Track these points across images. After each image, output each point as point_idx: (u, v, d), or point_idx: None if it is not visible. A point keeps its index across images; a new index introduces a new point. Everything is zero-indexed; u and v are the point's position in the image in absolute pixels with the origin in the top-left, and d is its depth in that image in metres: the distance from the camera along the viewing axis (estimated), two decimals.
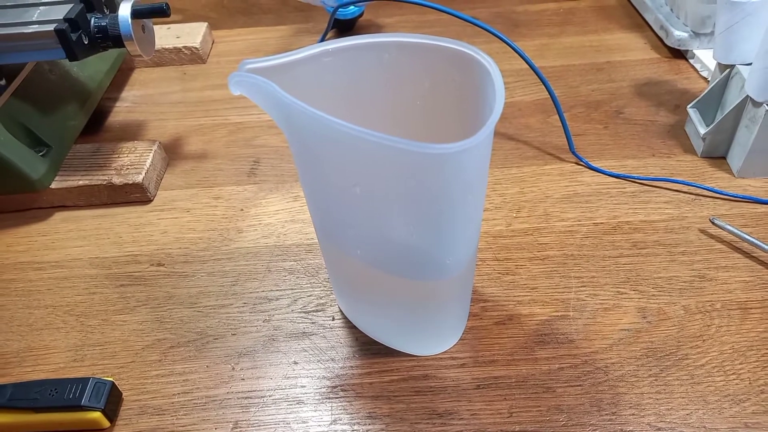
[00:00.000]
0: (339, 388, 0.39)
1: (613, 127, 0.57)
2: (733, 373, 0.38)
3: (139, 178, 0.52)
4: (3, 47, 0.47)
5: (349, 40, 0.33)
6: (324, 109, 0.28)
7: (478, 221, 0.35)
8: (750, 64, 0.48)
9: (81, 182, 0.52)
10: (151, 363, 0.41)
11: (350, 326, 0.42)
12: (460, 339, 0.41)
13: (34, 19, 0.46)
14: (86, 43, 0.47)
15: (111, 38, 0.47)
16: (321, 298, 0.44)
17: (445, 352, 0.40)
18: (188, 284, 0.46)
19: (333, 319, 0.43)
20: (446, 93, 0.34)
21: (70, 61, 0.46)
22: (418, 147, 0.26)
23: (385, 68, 0.34)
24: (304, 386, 0.39)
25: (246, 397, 0.39)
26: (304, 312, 0.44)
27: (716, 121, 0.51)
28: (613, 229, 0.47)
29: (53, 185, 0.52)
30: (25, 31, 0.46)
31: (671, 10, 0.67)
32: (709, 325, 0.40)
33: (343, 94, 0.35)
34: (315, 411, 0.38)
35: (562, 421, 0.36)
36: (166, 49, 0.69)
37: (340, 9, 0.68)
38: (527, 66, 0.53)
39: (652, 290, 0.43)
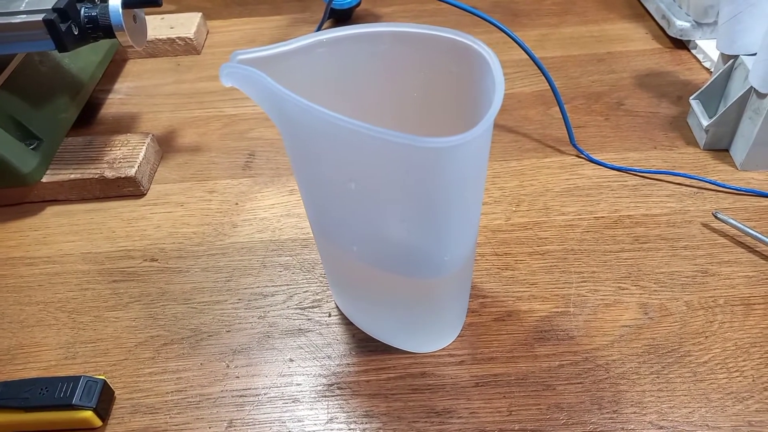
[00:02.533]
0: (335, 386, 0.38)
1: (614, 119, 0.56)
2: (736, 371, 0.37)
3: (132, 172, 0.51)
4: None
5: (344, 30, 0.32)
6: (317, 102, 0.27)
7: (477, 217, 0.34)
8: (754, 54, 0.47)
9: (73, 176, 0.51)
10: (144, 360, 0.40)
11: (347, 323, 0.42)
12: (458, 336, 0.40)
13: (21, 8, 0.45)
14: (76, 33, 0.46)
15: (101, 28, 0.46)
16: (317, 294, 0.44)
17: (443, 349, 0.40)
18: (182, 280, 0.45)
19: (329, 316, 0.42)
20: (443, 85, 0.33)
21: (59, 52, 0.45)
22: (414, 141, 0.25)
23: (381, 59, 0.33)
24: (300, 384, 0.39)
25: (241, 396, 0.38)
26: (300, 308, 0.43)
27: (719, 112, 0.50)
28: (615, 223, 0.47)
29: (44, 179, 0.51)
30: (13, 21, 0.44)
31: None
32: (711, 322, 0.40)
33: (337, 86, 0.34)
34: (311, 409, 0.37)
35: (562, 419, 0.36)
36: (159, 40, 0.68)
37: None
38: (526, 57, 0.52)
39: (654, 285, 0.42)
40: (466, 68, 0.31)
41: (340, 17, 0.72)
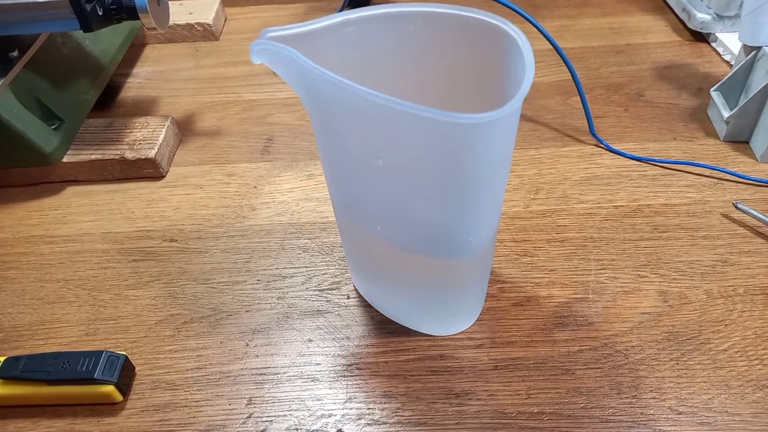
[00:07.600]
0: (354, 366, 0.39)
1: (633, 109, 0.56)
2: (756, 359, 0.37)
3: (152, 153, 0.51)
4: (16, 17, 0.46)
5: (372, 9, 0.32)
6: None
7: (501, 199, 0.34)
8: None
9: (93, 156, 0.51)
10: (164, 338, 0.41)
11: (365, 305, 0.42)
12: (477, 319, 0.40)
13: None
14: (100, 14, 0.46)
15: (125, 10, 0.46)
16: (336, 277, 0.44)
17: (462, 332, 0.40)
18: (201, 260, 0.46)
19: (348, 298, 0.42)
20: (470, 66, 0.33)
21: (84, 32, 0.46)
22: (446, 116, 0.25)
23: (408, 39, 0.33)
24: (319, 364, 0.39)
25: (260, 374, 0.39)
26: (318, 290, 0.43)
27: (740, 104, 0.49)
28: (634, 212, 0.46)
29: (65, 159, 0.51)
30: (39, 0, 0.45)
31: None
32: (731, 310, 0.40)
33: (363, 65, 0.34)
34: (330, 389, 0.38)
35: (581, 403, 0.36)
36: (178, 26, 0.68)
37: None
38: (546, 47, 0.52)
39: (674, 274, 0.42)
40: (494, 50, 0.31)
41: (359, 5, 0.72)
